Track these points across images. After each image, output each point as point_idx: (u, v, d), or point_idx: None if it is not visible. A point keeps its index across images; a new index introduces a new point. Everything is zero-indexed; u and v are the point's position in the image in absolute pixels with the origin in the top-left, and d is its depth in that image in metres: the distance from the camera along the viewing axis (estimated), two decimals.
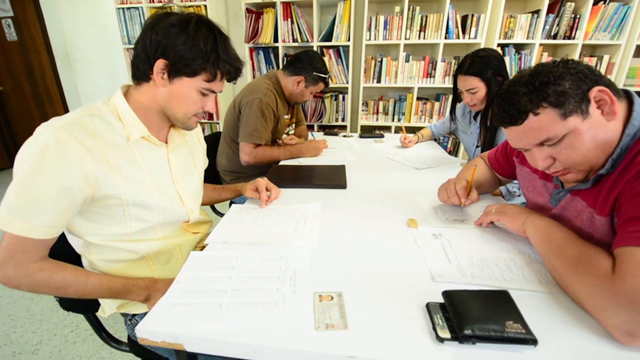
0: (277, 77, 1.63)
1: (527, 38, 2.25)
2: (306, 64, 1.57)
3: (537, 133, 0.63)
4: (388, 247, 0.76)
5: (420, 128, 1.94)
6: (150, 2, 2.56)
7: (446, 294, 0.55)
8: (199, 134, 0.99)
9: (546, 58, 2.37)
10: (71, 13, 3.05)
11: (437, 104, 2.54)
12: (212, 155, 1.70)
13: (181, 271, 0.66)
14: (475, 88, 1.32)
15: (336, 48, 2.49)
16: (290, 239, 0.80)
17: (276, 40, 2.48)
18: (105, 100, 0.75)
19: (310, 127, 2.65)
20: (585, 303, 0.54)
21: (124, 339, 0.86)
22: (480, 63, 1.29)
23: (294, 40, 2.46)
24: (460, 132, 1.68)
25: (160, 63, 0.69)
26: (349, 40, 2.39)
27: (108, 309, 0.81)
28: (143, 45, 0.69)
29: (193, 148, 0.93)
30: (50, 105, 3.52)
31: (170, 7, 2.68)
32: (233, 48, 0.75)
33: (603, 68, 2.30)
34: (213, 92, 0.76)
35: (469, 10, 2.39)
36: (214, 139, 1.72)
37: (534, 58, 2.29)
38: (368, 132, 2.10)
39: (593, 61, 2.31)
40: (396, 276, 0.66)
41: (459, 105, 1.63)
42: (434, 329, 0.51)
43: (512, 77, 0.66)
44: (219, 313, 0.55)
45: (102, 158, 0.67)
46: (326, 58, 2.48)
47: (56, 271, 0.67)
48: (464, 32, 2.31)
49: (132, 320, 0.83)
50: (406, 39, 2.34)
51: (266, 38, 2.49)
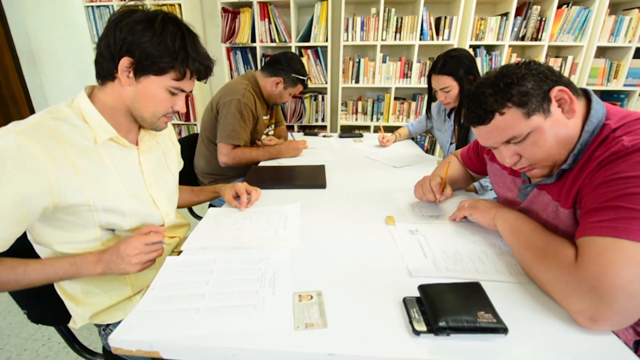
0: (256, 78, 1.61)
1: (497, 40, 2.34)
2: (285, 66, 1.57)
3: (503, 132, 0.66)
4: (367, 245, 0.77)
5: (398, 127, 1.98)
6: (121, 0, 2.48)
7: (422, 288, 0.57)
8: (172, 135, 0.97)
9: (515, 59, 2.47)
10: (36, 11, 2.89)
11: (414, 104, 2.60)
12: (190, 157, 1.67)
13: (156, 277, 0.65)
14: (448, 87, 1.36)
15: (314, 49, 2.50)
16: (271, 241, 0.79)
17: (254, 40, 2.46)
18: (68, 102, 0.72)
19: (290, 128, 2.65)
20: (551, 291, 0.57)
21: (100, 350, 0.83)
22: (452, 63, 1.34)
23: (272, 40, 2.44)
24: (435, 130, 1.72)
25: (125, 61, 0.66)
26: (327, 40, 2.41)
27: (80, 320, 0.78)
28: (106, 42, 0.67)
29: (166, 149, 0.91)
30: (14, 107, 3.32)
31: (142, 6, 2.61)
32: (202, 46, 0.73)
33: (567, 68, 2.42)
34: (183, 92, 0.75)
35: (442, 12, 2.46)
36: (191, 141, 1.68)
37: (504, 59, 2.38)
38: (348, 132, 2.12)
39: (558, 62, 2.43)
40: (375, 273, 0.67)
41: (434, 104, 1.67)
42: (411, 323, 0.52)
43: (480, 79, 0.69)
44: (196, 318, 0.54)
45: (67, 163, 0.65)
46: (305, 58, 2.48)
47: None
48: (438, 34, 2.37)
49: (107, 330, 0.80)
50: (383, 40, 2.38)
51: (243, 38, 2.46)
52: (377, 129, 2.35)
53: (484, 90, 0.65)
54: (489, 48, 2.44)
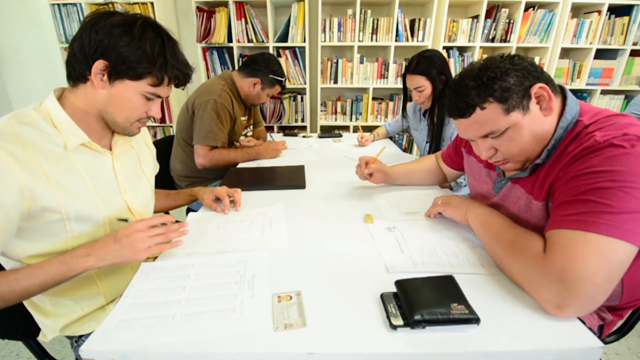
0: (232, 78, 1.59)
1: (469, 41, 2.42)
2: (262, 66, 1.56)
3: (483, 126, 0.67)
4: (346, 243, 0.78)
5: (376, 127, 2.01)
6: None
7: (398, 283, 0.58)
8: (147, 138, 0.94)
9: None
10: None
11: (392, 104, 2.64)
12: (165, 160, 1.62)
13: (130, 284, 0.63)
14: (422, 86, 1.41)
15: (292, 49, 2.49)
16: (257, 243, 0.78)
17: (230, 40, 2.42)
18: (35, 105, 0.68)
19: (270, 129, 2.63)
20: (520, 281, 0.60)
21: None
22: (425, 63, 1.38)
23: (249, 40, 2.42)
24: (412, 130, 1.76)
25: (99, 64, 0.64)
26: (305, 41, 2.41)
27: (50, 333, 0.74)
28: (80, 44, 0.64)
29: (140, 153, 0.88)
30: None
31: (113, 5, 2.51)
32: (182, 53, 0.72)
33: None
34: (159, 97, 0.73)
35: (417, 14, 2.52)
36: (167, 143, 1.64)
37: (475, 60, 2.46)
38: (327, 132, 2.13)
39: None
40: (354, 270, 0.68)
41: (410, 104, 1.71)
42: (388, 318, 0.53)
43: (463, 69, 0.70)
44: (173, 325, 0.53)
45: (37, 169, 0.62)
46: (283, 59, 2.47)
47: None
48: (413, 36, 2.42)
49: (79, 342, 0.77)
50: (359, 41, 2.41)
51: (219, 38, 2.42)
52: (356, 129, 2.37)
53: (467, 82, 0.66)
54: (461, 49, 2.52)
